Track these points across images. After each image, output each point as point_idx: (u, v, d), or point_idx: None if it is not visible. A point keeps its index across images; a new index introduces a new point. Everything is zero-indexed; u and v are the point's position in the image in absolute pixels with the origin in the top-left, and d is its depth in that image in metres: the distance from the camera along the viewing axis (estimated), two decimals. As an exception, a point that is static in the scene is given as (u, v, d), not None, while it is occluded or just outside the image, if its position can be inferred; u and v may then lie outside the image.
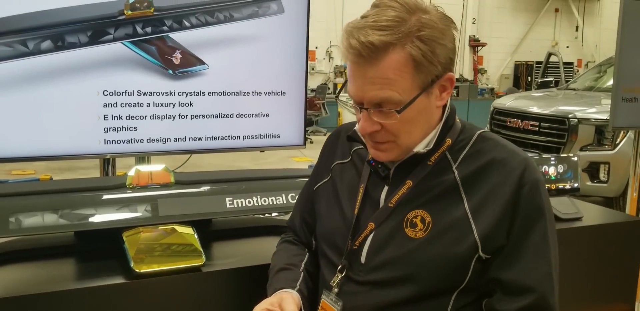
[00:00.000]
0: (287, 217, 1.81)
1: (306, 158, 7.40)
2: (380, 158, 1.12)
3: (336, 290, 1.14)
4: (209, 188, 1.56)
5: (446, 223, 1.06)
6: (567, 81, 7.23)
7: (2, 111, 1.60)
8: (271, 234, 1.67)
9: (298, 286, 1.19)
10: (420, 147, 1.09)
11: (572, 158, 1.93)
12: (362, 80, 1.02)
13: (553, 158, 1.90)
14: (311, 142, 8.51)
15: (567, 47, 14.37)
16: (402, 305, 1.07)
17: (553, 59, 8.59)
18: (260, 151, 2.00)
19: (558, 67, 8.50)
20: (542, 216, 1.07)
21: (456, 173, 1.09)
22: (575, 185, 1.92)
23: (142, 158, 1.91)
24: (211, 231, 1.62)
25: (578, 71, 13.24)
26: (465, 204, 1.06)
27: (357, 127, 1.10)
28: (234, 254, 1.52)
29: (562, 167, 1.90)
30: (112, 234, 1.40)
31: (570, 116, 4.96)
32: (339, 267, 1.14)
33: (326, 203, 1.24)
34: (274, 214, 1.86)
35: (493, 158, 1.08)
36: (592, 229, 1.83)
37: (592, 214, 1.92)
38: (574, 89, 6.29)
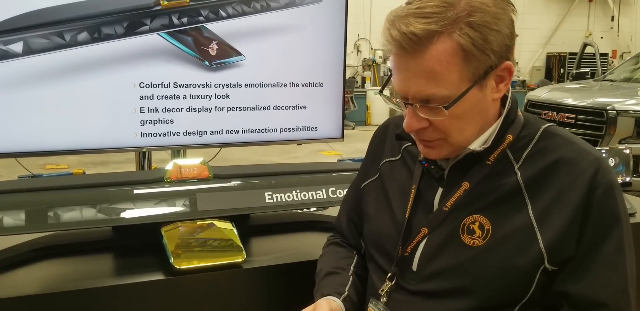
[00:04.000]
0: (326, 212, 1.77)
1: (335, 152, 7.34)
2: (430, 155, 1.03)
3: (385, 299, 1.06)
4: (247, 182, 1.53)
5: (508, 230, 0.96)
6: (603, 73, 7.03)
7: (40, 103, 1.58)
8: (310, 230, 1.64)
9: (346, 292, 1.11)
10: (476, 145, 0.99)
11: (624, 151, 1.84)
12: (405, 74, 0.94)
13: (604, 151, 1.82)
14: (339, 136, 8.46)
15: (602, 37, 13.99)
16: None
17: (588, 50, 8.36)
18: (298, 144, 1.96)
19: (593, 59, 8.26)
20: (617, 223, 0.96)
21: (519, 174, 0.98)
22: (627, 179, 1.84)
23: (177, 151, 1.88)
24: (249, 226, 1.59)
25: (613, 62, 12.88)
26: (530, 210, 0.96)
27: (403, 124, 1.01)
28: (273, 250, 1.49)
29: (613, 160, 1.81)
30: (151, 229, 1.37)
31: (608, 107, 4.81)
32: (389, 275, 1.07)
33: (374, 203, 1.16)
34: (312, 209, 1.82)
35: (560, 157, 0.97)
36: (646, 226, 1.74)
37: (645, 210, 1.83)
38: (611, 81, 6.11)
